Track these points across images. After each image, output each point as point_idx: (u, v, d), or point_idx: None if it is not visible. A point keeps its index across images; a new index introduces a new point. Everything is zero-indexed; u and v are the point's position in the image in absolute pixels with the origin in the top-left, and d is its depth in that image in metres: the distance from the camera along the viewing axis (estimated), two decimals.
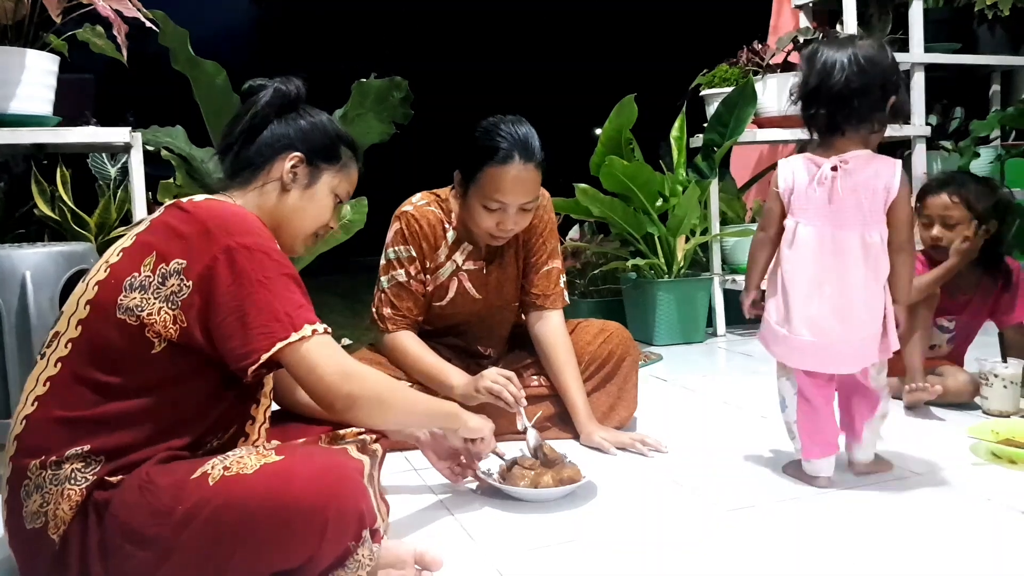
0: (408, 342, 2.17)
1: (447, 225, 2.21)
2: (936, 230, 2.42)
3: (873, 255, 1.76)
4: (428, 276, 2.21)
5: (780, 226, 1.86)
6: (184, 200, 1.39)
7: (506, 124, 2.03)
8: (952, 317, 2.56)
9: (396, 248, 2.18)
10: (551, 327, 2.26)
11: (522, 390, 1.99)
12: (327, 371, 1.32)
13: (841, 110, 1.78)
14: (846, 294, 1.76)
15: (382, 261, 2.20)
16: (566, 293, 2.33)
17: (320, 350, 1.32)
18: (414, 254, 2.18)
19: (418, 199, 2.24)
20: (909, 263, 1.81)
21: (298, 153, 1.49)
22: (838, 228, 1.76)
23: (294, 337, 1.29)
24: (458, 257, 2.21)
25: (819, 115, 1.80)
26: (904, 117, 1.84)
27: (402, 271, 2.17)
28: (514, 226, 2.08)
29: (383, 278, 2.19)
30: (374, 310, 2.21)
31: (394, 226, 2.20)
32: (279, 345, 1.28)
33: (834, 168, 1.76)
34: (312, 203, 1.52)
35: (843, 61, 1.76)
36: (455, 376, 2.09)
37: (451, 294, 2.22)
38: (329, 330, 1.36)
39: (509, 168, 1.99)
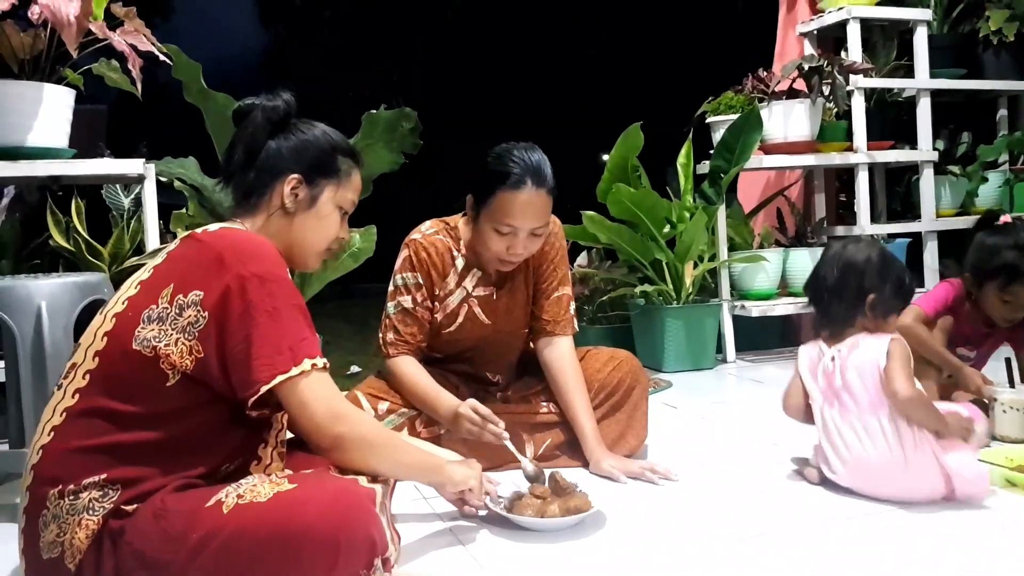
0: (407, 367, 2.18)
1: (456, 252, 2.23)
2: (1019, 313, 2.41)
3: (896, 433, 1.84)
4: (437, 304, 2.22)
5: (803, 395, 2.06)
6: (199, 231, 1.42)
7: (519, 150, 2.06)
8: (973, 347, 2.56)
9: (404, 275, 2.20)
10: (560, 353, 2.27)
11: (501, 424, 1.98)
12: (318, 410, 1.34)
13: (818, 307, 2.04)
14: (879, 470, 1.87)
15: (390, 288, 2.23)
16: (575, 320, 2.34)
17: (315, 388, 1.34)
18: (421, 281, 2.20)
19: (427, 227, 2.26)
20: (913, 408, 1.82)
21: (295, 175, 1.50)
22: (859, 413, 1.89)
23: (293, 372, 1.31)
24: (468, 283, 2.23)
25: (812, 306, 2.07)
26: (891, 313, 1.98)
27: (408, 297, 2.19)
28: (524, 251, 2.10)
29: (390, 304, 2.21)
30: (380, 336, 2.23)
31: (403, 253, 2.23)
32: (279, 378, 1.30)
33: (832, 358, 1.97)
34: (319, 221, 1.54)
35: (828, 263, 2.01)
36: (443, 405, 2.09)
37: (461, 319, 2.24)
38: (327, 365, 1.37)
39: (521, 193, 2.02)
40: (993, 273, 2.34)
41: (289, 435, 1.62)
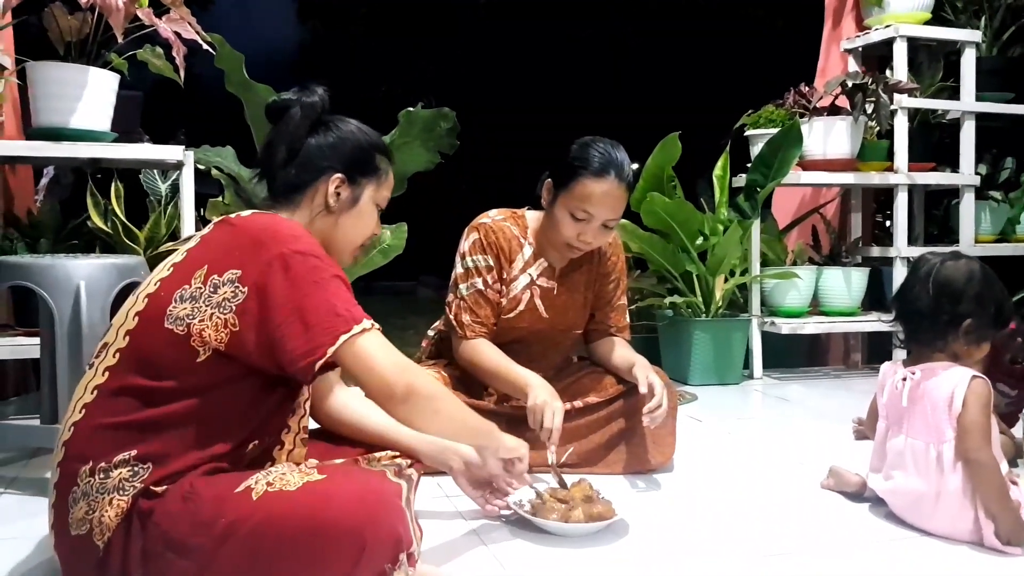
0: (486, 348, 2.20)
1: (523, 240, 2.28)
2: None
3: (939, 467, 1.76)
4: (504, 287, 2.26)
5: (875, 416, 1.99)
6: (232, 216, 1.43)
7: (604, 143, 2.13)
8: (1014, 387, 2.50)
9: (474, 257, 2.23)
10: (624, 345, 2.39)
11: (556, 436, 1.99)
12: (386, 364, 1.35)
13: (906, 327, 1.89)
14: (912, 496, 1.83)
15: (458, 270, 2.25)
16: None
17: (377, 344, 1.35)
18: (492, 263, 2.23)
19: (495, 214, 2.31)
20: (981, 474, 1.70)
21: (339, 175, 1.51)
22: (911, 436, 1.83)
23: (356, 330, 1.32)
24: (533, 271, 2.28)
25: (899, 324, 1.91)
26: (984, 340, 1.83)
27: (480, 279, 2.22)
28: (593, 240, 2.15)
29: (462, 286, 2.23)
30: (452, 317, 2.24)
31: (471, 236, 2.25)
32: (343, 338, 1.30)
33: (904, 379, 1.86)
34: (359, 219, 1.55)
35: (921, 280, 1.83)
36: (525, 381, 2.09)
37: (522, 307, 2.27)
38: (379, 327, 1.38)
39: (602, 182, 2.08)
40: None
41: (313, 425, 1.62)
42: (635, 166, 3.80)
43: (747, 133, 4.06)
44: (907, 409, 1.84)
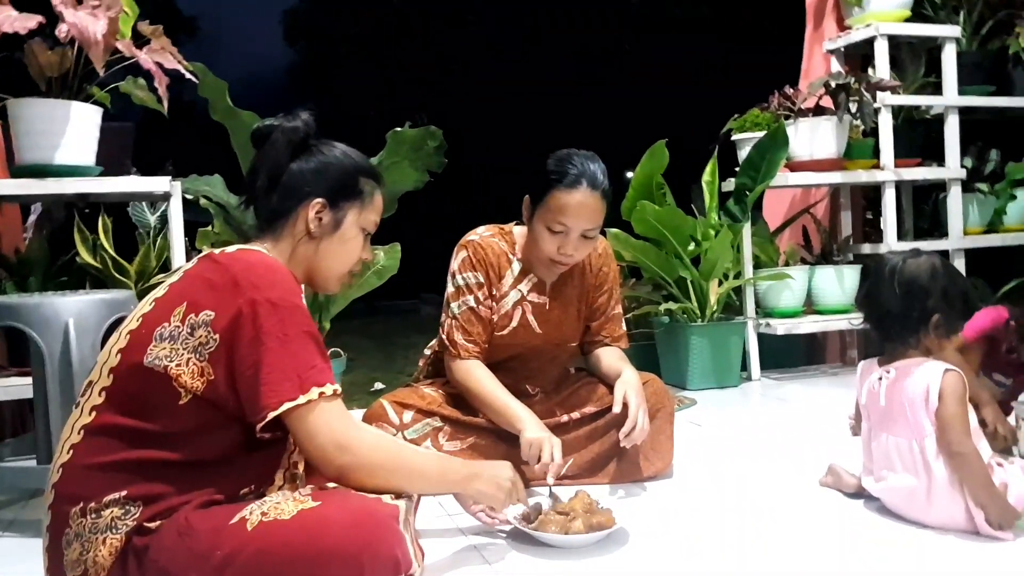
0: (479, 371, 2.18)
1: (511, 256, 2.27)
2: None
3: (924, 461, 1.77)
4: (494, 304, 2.25)
5: (860, 415, 2.02)
6: (217, 251, 1.42)
7: (578, 156, 2.12)
8: (1010, 376, 2.51)
9: (464, 275, 2.22)
10: (621, 354, 2.37)
11: (553, 471, 1.99)
12: (323, 441, 1.32)
13: (877, 328, 1.91)
14: (904, 493, 1.83)
15: (450, 289, 2.24)
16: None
17: (321, 417, 1.32)
18: (482, 280, 2.22)
19: (483, 230, 2.30)
20: (965, 466, 1.72)
21: (320, 199, 1.49)
22: (894, 434, 1.84)
23: (301, 400, 1.30)
24: (523, 287, 2.26)
25: (869, 326, 1.93)
26: (953, 333, 1.87)
27: (471, 296, 2.21)
28: (575, 252, 2.13)
29: (453, 304, 2.22)
30: (444, 336, 2.23)
31: (460, 254, 2.25)
32: (286, 406, 1.29)
33: (879, 379, 1.88)
34: (342, 244, 1.53)
35: (886, 280, 1.85)
36: (518, 417, 2.07)
37: (514, 323, 2.25)
38: (339, 392, 1.36)
39: (575, 193, 2.06)
40: None
41: None
42: (629, 175, 3.82)
43: (734, 137, 4.08)
44: (886, 409, 1.86)
